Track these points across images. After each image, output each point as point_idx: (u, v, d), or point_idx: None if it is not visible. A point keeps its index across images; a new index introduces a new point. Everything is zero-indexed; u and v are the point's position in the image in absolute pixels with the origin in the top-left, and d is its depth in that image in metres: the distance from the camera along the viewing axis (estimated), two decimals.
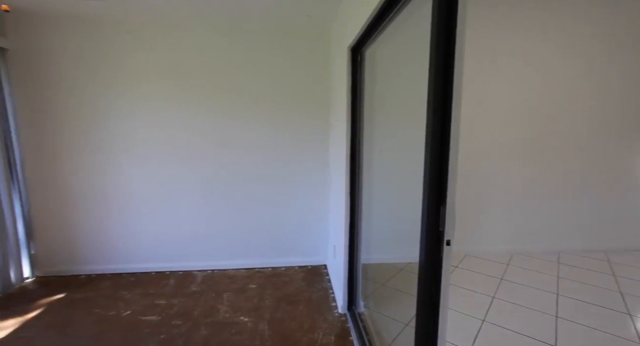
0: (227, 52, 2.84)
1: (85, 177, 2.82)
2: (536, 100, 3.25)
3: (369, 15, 1.49)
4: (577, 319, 2.27)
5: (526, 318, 2.28)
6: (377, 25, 1.55)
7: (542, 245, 3.45)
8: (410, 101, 2.05)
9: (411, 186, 1.22)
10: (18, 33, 2.58)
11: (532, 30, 3.13)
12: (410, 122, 2.30)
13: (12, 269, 2.61)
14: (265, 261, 3.17)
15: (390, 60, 1.78)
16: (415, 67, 1.26)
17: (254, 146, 3.00)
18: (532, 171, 3.36)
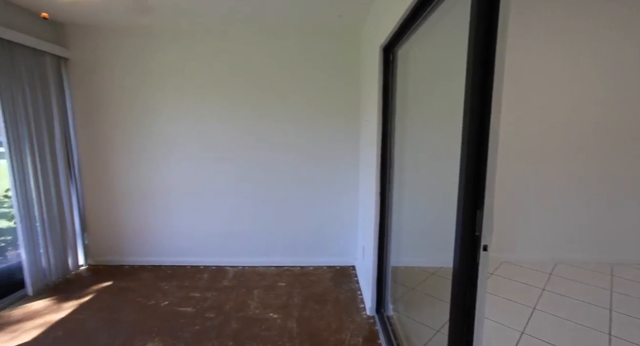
0: (258, 55, 2.92)
1: (130, 175, 3.05)
2: (582, 100, 3.00)
3: (402, 13, 1.47)
4: (635, 339, 2.05)
5: (573, 334, 2.11)
6: (411, 23, 1.51)
7: (591, 255, 3.16)
8: (445, 100, 1.98)
9: (445, 188, 1.18)
10: (77, 44, 2.85)
11: (577, 26, 2.89)
12: (444, 122, 2.22)
13: (70, 257, 2.89)
14: (294, 259, 3.22)
15: (424, 59, 1.73)
16: (451, 66, 1.21)
17: (285, 146, 3.06)
18: (578, 173, 3.09)
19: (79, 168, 3.00)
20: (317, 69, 2.96)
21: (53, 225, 2.69)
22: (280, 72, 2.96)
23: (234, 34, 2.88)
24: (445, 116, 2.28)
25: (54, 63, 2.72)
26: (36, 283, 2.55)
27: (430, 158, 1.95)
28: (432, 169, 2.13)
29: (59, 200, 2.76)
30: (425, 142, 1.92)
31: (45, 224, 2.61)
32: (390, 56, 1.99)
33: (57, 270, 2.75)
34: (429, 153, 1.95)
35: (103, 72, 2.89)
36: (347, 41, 2.92)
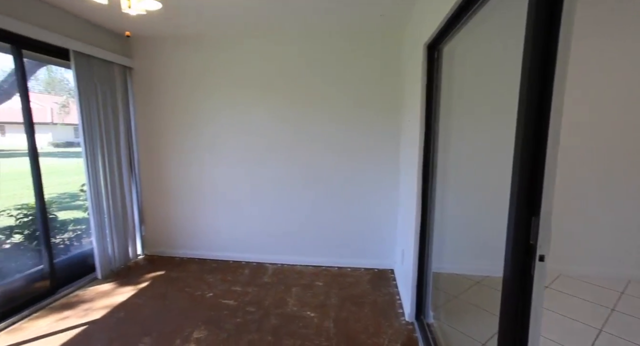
0: (299, 57, 2.99)
1: (181, 174, 3.29)
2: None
3: (449, 9, 1.40)
4: None
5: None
6: (458, 19, 1.44)
7: None
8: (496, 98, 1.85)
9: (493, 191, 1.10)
10: (139, 54, 3.16)
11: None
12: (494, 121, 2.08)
13: (130, 247, 3.21)
14: (331, 260, 3.23)
15: (472, 55, 1.64)
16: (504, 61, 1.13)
17: (326, 147, 3.09)
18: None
19: (138, 167, 3.32)
20: (358, 69, 2.94)
21: (117, 218, 3.00)
22: (321, 74, 2.99)
23: (276, 37, 2.98)
24: (496, 115, 2.13)
25: (121, 72, 3.04)
26: (104, 268, 2.87)
27: (477, 159, 1.84)
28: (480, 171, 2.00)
29: (122, 195, 3.07)
30: (473, 142, 1.82)
31: (112, 216, 2.93)
32: (435, 54, 1.92)
33: (120, 257, 3.07)
34: (476, 154, 1.84)
35: (160, 79, 3.17)
36: (388, 40, 2.87)
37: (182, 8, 2.38)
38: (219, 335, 2.11)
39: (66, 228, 3.20)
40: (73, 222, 3.34)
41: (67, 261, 2.84)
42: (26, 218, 2.85)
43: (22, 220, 2.84)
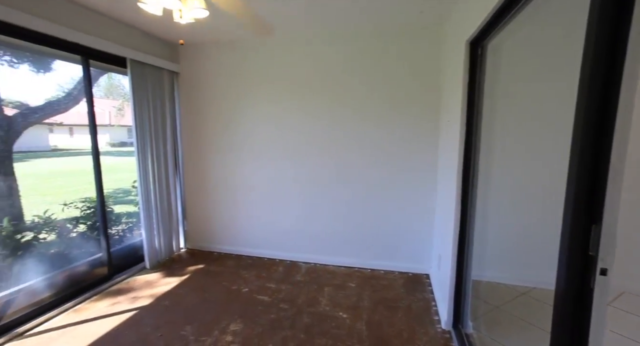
0: (335, 57, 3.00)
1: (220, 172, 3.46)
2: None
3: (496, 2, 1.33)
4: None
5: None
6: (506, 12, 1.36)
7: None
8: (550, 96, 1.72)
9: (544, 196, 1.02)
10: (185, 60, 3.37)
11: None
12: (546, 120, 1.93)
13: (174, 240, 3.44)
14: (364, 262, 3.20)
15: (522, 51, 1.53)
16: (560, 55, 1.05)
17: (360, 147, 3.07)
18: None
19: (182, 165, 3.54)
20: (394, 68, 2.89)
21: (164, 213, 3.23)
22: (357, 73, 2.98)
23: (312, 38, 3.02)
24: (548, 113, 1.97)
25: (169, 77, 3.27)
26: (151, 259, 3.11)
27: (525, 160, 1.71)
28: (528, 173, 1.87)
29: (168, 192, 3.30)
30: (520, 143, 1.70)
31: (159, 211, 3.15)
32: (479, 50, 1.82)
33: (165, 250, 3.30)
34: (524, 155, 1.72)
35: (203, 82, 3.36)
36: (427, 39, 2.78)
37: (224, 15, 2.50)
38: (254, 329, 2.19)
39: (120, 221, 3.51)
40: (126, 215, 3.65)
41: (121, 251, 3.11)
42: (89, 210, 3.17)
43: (85, 212, 3.16)
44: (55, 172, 6.32)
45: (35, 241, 2.78)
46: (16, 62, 3.39)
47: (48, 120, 3.73)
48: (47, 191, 4.46)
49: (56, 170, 6.46)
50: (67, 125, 7.25)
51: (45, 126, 6.49)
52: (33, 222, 2.94)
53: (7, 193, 2.94)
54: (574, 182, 0.79)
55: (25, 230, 2.78)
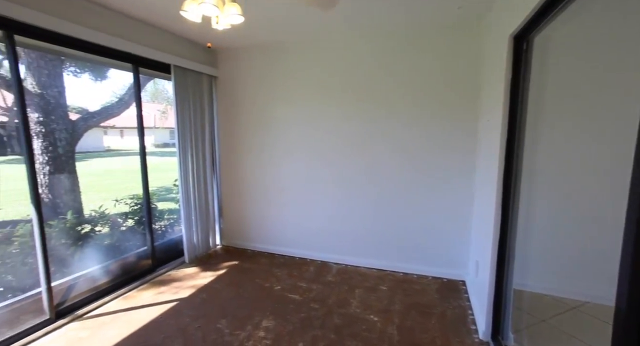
0: (369, 56, 2.97)
1: (255, 172, 3.57)
2: None
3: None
4: None
5: None
6: (558, 1, 1.26)
7: None
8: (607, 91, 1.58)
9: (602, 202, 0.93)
10: (222, 64, 3.54)
11: None
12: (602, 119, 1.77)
13: (210, 237, 3.61)
14: (396, 265, 3.13)
15: (577, 44, 1.41)
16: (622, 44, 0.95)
17: (393, 148, 3.01)
18: None
19: (219, 165, 3.71)
20: (429, 67, 2.80)
21: (202, 210, 3.40)
22: (390, 73, 2.93)
23: (346, 38, 3.01)
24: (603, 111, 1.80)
25: (208, 81, 3.44)
26: (190, 253, 3.29)
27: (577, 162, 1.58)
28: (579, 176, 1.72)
29: (206, 190, 3.47)
30: (571, 143, 1.57)
31: (197, 209, 3.33)
32: (524, 45, 1.71)
33: (203, 245, 3.48)
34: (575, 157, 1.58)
35: (239, 85, 3.49)
36: (464, 35, 2.66)
37: (259, 20, 2.58)
38: (285, 327, 2.23)
39: (163, 217, 3.76)
40: (167, 212, 3.91)
41: (163, 245, 3.33)
42: (136, 206, 3.44)
43: (133, 208, 3.44)
44: (108, 170, 6.95)
45: (92, 233, 3.08)
46: (79, 72, 3.78)
47: (103, 123, 4.09)
48: (102, 188, 4.90)
49: (109, 169, 7.11)
50: (119, 128, 7.98)
51: (101, 129, 7.19)
52: (90, 215, 3.25)
53: (71, 189, 3.27)
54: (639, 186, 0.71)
55: (84, 223, 3.08)
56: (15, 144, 3.88)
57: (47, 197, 3.12)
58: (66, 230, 2.88)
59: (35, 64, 3.03)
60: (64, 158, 3.29)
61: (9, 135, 3.89)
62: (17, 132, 3.77)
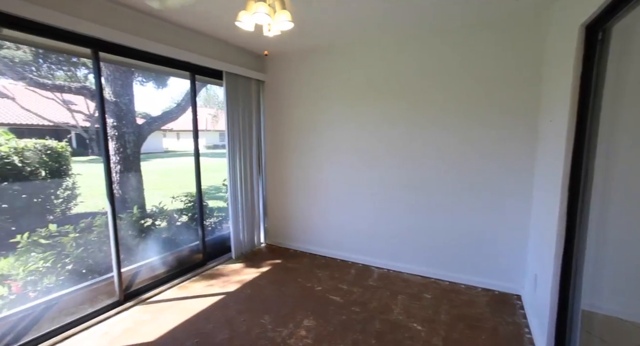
0: (417, 57, 2.88)
1: (300, 173, 3.65)
2: None
3: None
4: None
5: None
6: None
7: None
8: None
9: None
10: (270, 69, 3.68)
11: None
12: None
13: (255, 235, 3.77)
14: (442, 273, 2.98)
15: None
16: None
17: (441, 151, 2.88)
18: None
19: (265, 166, 3.87)
20: (482, 65, 2.63)
21: (248, 209, 3.57)
22: (438, 74, 2.81)
23: (393, 39, 2.96)
24: None
25: (256, 86, 3.61)
26: (237, 250, 3.47)
27: None
28: None
29: (252, 190, 3.64)
30: None
31: (244, 207, 3.50)
32: (599, 35, 1.52)
33: (248, 243, 3.64)
34: None
35: (285, 88, 3.61)
36: (523, 28, 2.45)
37: (308, 24, 2.64)
38: (326, 328, 2.24)
39: (212, 214, 4.01)
40: (217, 209, 4.16)
41: (212, 240, 3.56)
42: (190, 203, 3.72)
43: (187, 204, 3.72)
44: (166, 170, 7.63)
45: (153, 226, 3.39)
46: (144, 81, 4.22)
47: (163, 127, 4.51)
48: (161, 186, 5.39)
49: (167, 169, 7.80)
50: (176, 131, 8.77)
51: (161, 132, 7.98)
52: (152, 210, 3.59)
53: (136, 186, 3.65)
54: None
55: (147, 217, 3.41)
56: (95, 146, 4.45)
57: (118, 192, 3.52)
58: (132, 223, 3.22)
59: (112, 76, 3.45)
60: (131, 158, 3.68)
61: (90, 138, 4.47)
62: (96, 136, 4.33)
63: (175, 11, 2.37)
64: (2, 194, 2.82)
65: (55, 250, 2.56)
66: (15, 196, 2.89)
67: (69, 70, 3.86)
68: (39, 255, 2.49)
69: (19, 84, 3.47)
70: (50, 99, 3.96)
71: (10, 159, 2.87)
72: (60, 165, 3.34)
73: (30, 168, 3.02)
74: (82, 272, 2.61)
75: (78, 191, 3.54)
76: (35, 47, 3.16)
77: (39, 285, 2.42)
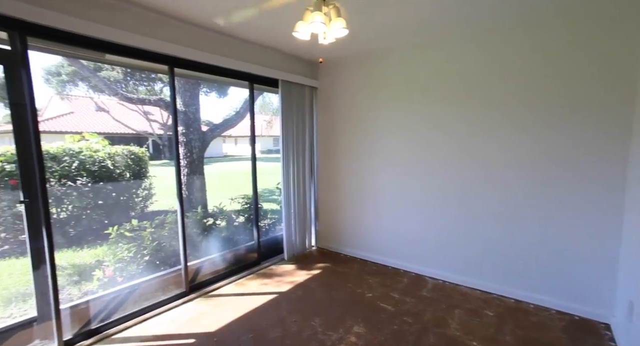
0: (481, 56, 2.69)
1: (352, 177, 3.65)
2: None
3: None
4: None
5: None
6: None
7: None
8: None
9: None
10: (323, 75, 3.77)
11: None
12: None
13: (306, 238, 3.86)
14: (507, 289, 2.71)
15: None
16: None
17: (512, 156, 2.64)
18: None
19: (317, 170, 3.94)
20: (564, 63, 2.35)
21: (300, 212, 3.67)
22: (510, 73, 2.58)
23: (450, 38, 2.81)
24: None
25: (309, 92, 3.72)
26: (289, 252, 3.58)
27: None
28: None
29: (304, 194, 3.73)
30: None
31: (296, 210, 3.61)
32: None
33: (300, 245, 3.73)
34: None
35: (338, 94, 3.65)
36: (614, 21, 2.13)
37: (362, 30, 2.65)
38: (376, 336, 2.19)
39: (266, 216, 4.20)
40: (270, 211, 4.35)
41: (266, 241, 3.72)
42: (246, 205, 3.95)
43: (244, 206, 3.96)
44: (225, 173, 8.24)
45: (214, 225, 3.68)
46: (208, 91, 4.64)
47: (223, 133, 4.88)
48: (220, 187, 5.82)
49: (225, 172, 8.43)
50: (234, 137, 9.49)
51: (221, 138, 8.71)
52: (213, 210, 3.90)
53: (200, 188, 4.01)
54: None
55: (208, 217, 3.71)
56: (167, 151, 5.03)
57: (185, 193, 3.91)
58: (196, 221, 3.53)
59: (182, 88, 3.86)
60: (196, 162, 4.06)
61: (163, 144, 5.05)
62: (169, 142, 4.90)
63: (237, 26, 2.57)
64: (99, 192, 3.35)
65: (136, 242, 2.93)
66: (108, 194, 3.40)
67: (149, 85, 4.43)
68: (125, 245, 2.88)
69: (113, 99, 4.09)
70: (134, 111, 4.59)
71: (105, 163, 3.39)
72: (140, 168, 3.83)
73: (119, 170, 3.53)
74: (156, 263, 2.94)
75: (153, 191, 4.02)
76: (126, 67, 3.70)
77: (124, 271, 2.80)
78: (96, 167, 3.34)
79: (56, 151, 3.14)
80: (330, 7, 1.65)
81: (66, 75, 3.78)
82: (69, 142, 3.35)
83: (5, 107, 1.76)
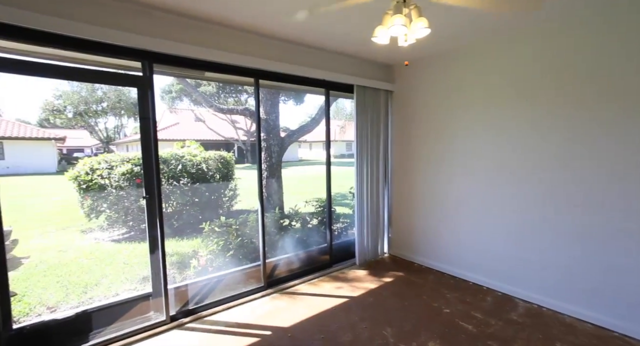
0: (572, 56, 2.27)
1: (428, 184, 3.45)
2: None
3: None
4: None
5: None
6: None
7: None
8: None
9: None
10: (398, 79, 3.67)
11: None
12: None
13: (379, 244, 3.78)
14: (630, 327, 2.19)
15: None
16: None
17: (620, 164, 2.16)
18: None
19: (391, 175, 3.83)
20: None
21: (373, 217, 3.61)
22: (603, 72, 2.12)
23: (540, 31, 2.44)
24: None
25: (384, 96, 3.66)
26: (360, 257, 3.56)
27: None
28: None
29: (377, 199, 3.67)
30: None
31: (369, 216, 3.57)
32: None
33: (372, 251, 3.67)
34: None
35: (414, 97, 3.50)
36: None
37: (442, 29, 2.50)
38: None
39: (338, 220, 4.26)
40: (342, 215, 4.39)
41: (338, 245, 3.77)
42: (319, 208, 4.07)
43: (317, 209, 4.09)
44: (300, 176, 8.68)
45: (289, 226, 3.89)
46: (286, 99, 4.96)
47: (299, 138, 5.16)
48: (295, 190, 6.14)
49: (301, 175, 8.88)
50: (309, 142, 9.96)
51: (297, 143, 9.25)
52: (289, 212, 4.13)
53: (277, 190, 4.29)
54: None
55: (285, 218, 3.95)
56: (249, 156, 5.58)
57: (264, 195, 4.24)
58: (274, 222, 3.79)
59: (264, 98, 4.22)
60: (275, 166, 4.37)
61: (246, 149, 5.60)
62: (251, 147, 5.42)
63: (314, 35, 2.69)
64: (196, 191, 3.90)
65: (224, 237, 3.29)
66: (202, 193, 3.94)
67: (236, 96, 4.97)
68: (214, 239, 3.26)
69: (209, 110, 4.74)
70: (223, 120, 5.21)
71: (201, 166, 3.93)
72: (228, 171, 4.32)
73: (211, 172, 4.05)
74: (239, 258, 3.25)
75: (238, 192, 4.47)
76: (219, 81, 4.24)
77: (214, 263, 3.17)
78: (194, 169, 3.89)
79: (166, 156, 3.78)
80: (411, 8, 1.60)
81: (175, 92, 4.57)
82: (175, 148, 3.99)
83: (135, 121, 2.21)
